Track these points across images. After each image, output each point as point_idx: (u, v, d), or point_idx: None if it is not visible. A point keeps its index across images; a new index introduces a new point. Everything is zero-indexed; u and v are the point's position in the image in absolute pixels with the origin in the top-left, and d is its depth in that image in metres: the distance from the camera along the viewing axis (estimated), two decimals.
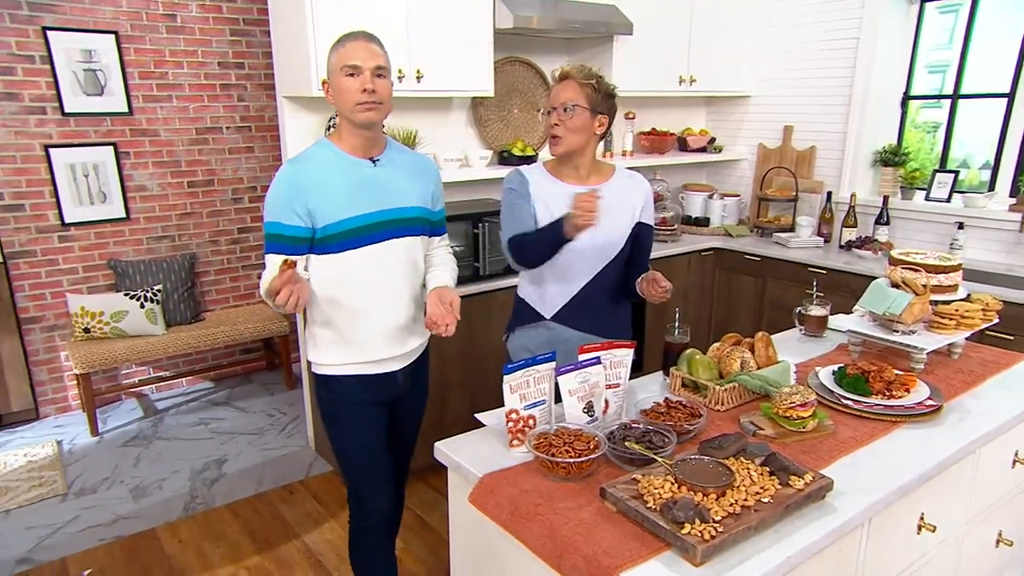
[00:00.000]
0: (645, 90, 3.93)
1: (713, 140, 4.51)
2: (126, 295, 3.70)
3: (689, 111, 4.61)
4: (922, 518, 1.62)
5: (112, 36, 3.71)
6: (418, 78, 3.05)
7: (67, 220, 3.73)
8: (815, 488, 1.34)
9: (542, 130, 3.87)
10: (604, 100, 1.96)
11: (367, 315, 1.82)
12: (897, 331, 1.99)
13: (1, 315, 3.60)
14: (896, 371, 1.84)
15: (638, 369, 2.07)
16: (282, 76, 3.06)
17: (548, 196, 1.98)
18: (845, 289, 3.38)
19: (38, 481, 3.14)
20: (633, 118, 4.11)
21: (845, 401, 1.74)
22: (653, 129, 4.31)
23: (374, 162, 1.81)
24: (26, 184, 3.62)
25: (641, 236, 2.05)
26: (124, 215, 3.88)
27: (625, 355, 1.71)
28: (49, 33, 3.56)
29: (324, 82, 1.80)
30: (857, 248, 3.65)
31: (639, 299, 2.02)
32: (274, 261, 1.72)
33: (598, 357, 1.65)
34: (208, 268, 4.22)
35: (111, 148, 3.78)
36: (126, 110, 3.80)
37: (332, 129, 1.89)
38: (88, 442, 3.53)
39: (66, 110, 3.65)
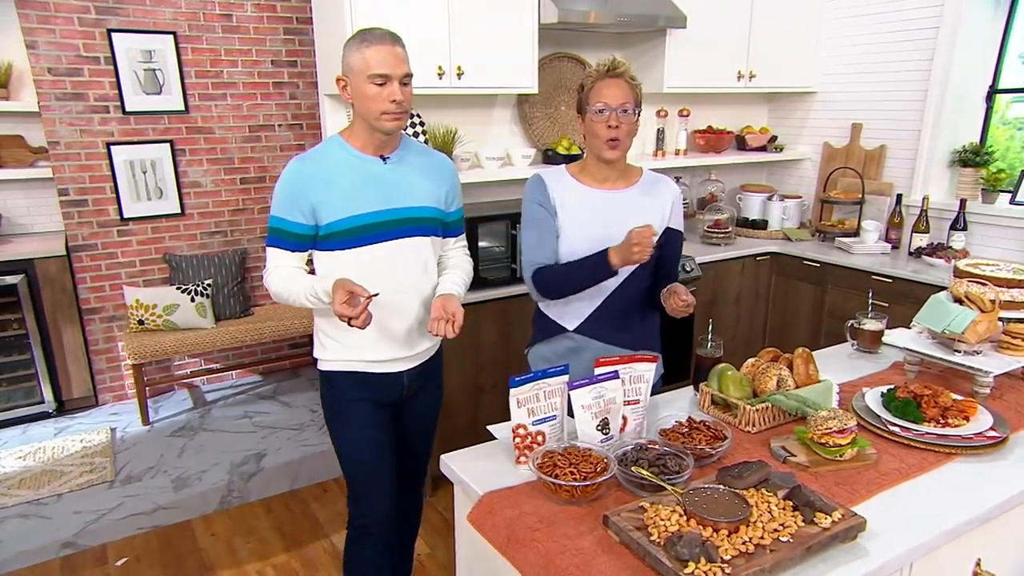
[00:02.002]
0: (700, 86, 3.76)
1: (774, 139, 4.28)
2: (178, 289, 3.80)
3: (749, 108, 4.39)
4: (979, 564, 1.44)
5: (171, 36, 3.81)
6: (459, 75, 2.99)
7: (126, 215, 3.86)
8: (844, 527, 1.20)
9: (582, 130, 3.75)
10: (641, 101, 1.85)
11: (372, 315, 1.74)
12: (959, 351, 1.80)
13: (64, 305, 3.76)
14: (954, 396, 1.66)
15: (682, 380, 1.95)
16: (324, 74, 3.06)
17: (572, 203, 1.88)
18: (912, 300, 3.13)
19: (90, 467, 3.26)
20: (688, 115, 3.94)
21: (892, 428, 1.58)
22: (709, 127, 4.12)
23: (384, 160, 1.77)
24: (89, 180, 3.76)
25: (670, 243, 1.92)
26: (179, 211, 3.99)
27: (646, 370, 1.60)
28: (113, 35, 3.68)
29: (340, 79, 1.72)
30: (928, 255, 3.38)
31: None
32: (278, 256, 1.75)
33: (616, 371, 1.54)
34: (258, 264, 4.29)
35: (168, 145, 3.89)
36: (183, 108, 3.90)
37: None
38: (139, 430, 3.64)
39: (127, 109, 3.77)
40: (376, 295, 1.59)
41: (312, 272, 1.80)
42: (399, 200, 1.77)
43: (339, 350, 1.82)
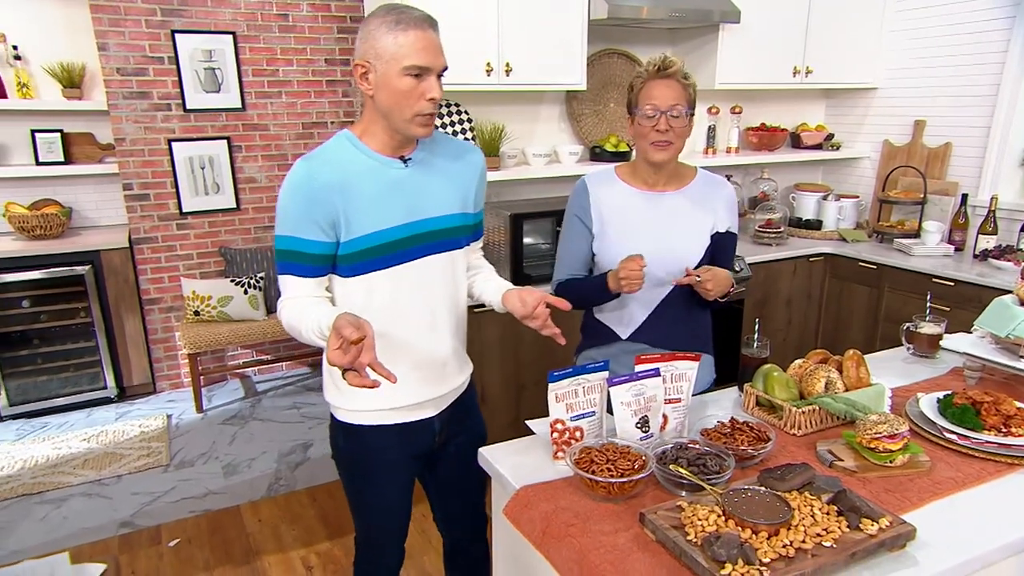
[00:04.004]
0: (754, 82, 3.68)
1: (831, 136, 4.15)
2: (232, 281, 3.92)
3: (805, 105, 4.27)
4: None
5: (230, 36, 3.93)
6: (507, 71, 3.00)
7: (185, 209, 4.00)
8: (892, 535, 1.15)
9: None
10: (695, 101, 1.78)
11: (398, 350, 1.52)
12: None
13: (126, 295, 3.91)
14: (1019, 404, 1.57)
15: (729, 382, 1.90)
16: None
17: (618, 207, 1.85)
18: (976, 304, 2.98)
19: (147, 451, 3.39)
20: (740, 112, 3.85)
21: (948, 435, 1.50)
22: (763, 124, 4.02)
23: (405, 162, 1.50)
24: (151, 175, 3.91)
25: (721, 245, 1.85)
26: (235, 205, 4.12)
27: (688, 368, 1.56)
28: (177, 36, 3.82)
29: (359, 66, 1.41)
30: (995, 258, 3.22)
31: (717, 306, 1.86)
32: (293, 285, 1.46)
33: (657, 369, 1.52)
34: None
35: (225, 142, 4.01)
36: (240, 106, 4.01)
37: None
38: (193, 418, 3.77)
39: (187, 106, 3.90)
40: (363, 338, 1.22)
41: (333, 299, 1.54)
42: (425, 210, 1.51)
43: (358, 397, 1.50)
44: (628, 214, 1.84)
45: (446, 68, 1.45)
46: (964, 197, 3.56)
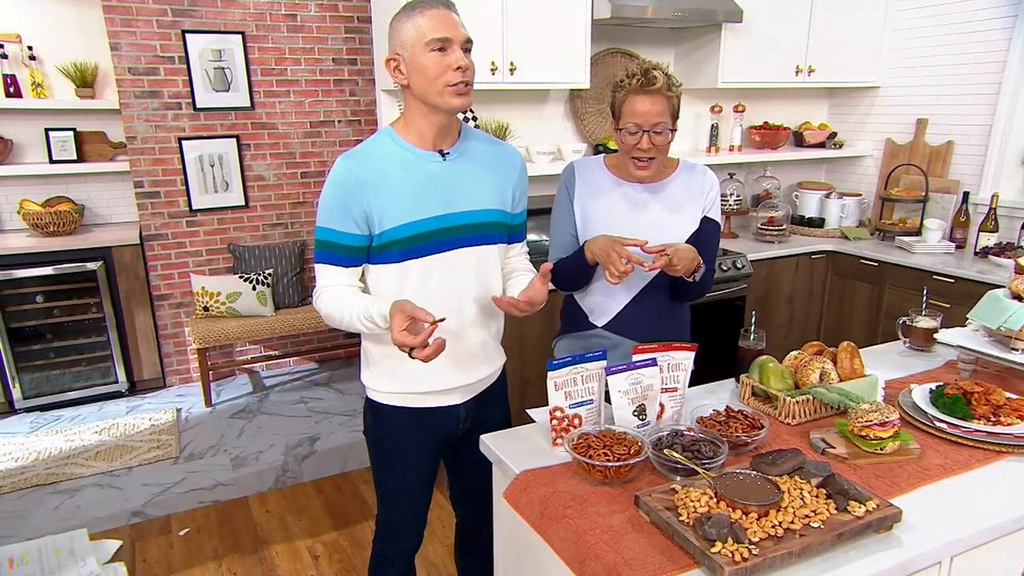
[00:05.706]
0: (756, 81, 3.71)
1: (834, 135, 4.17)
2: (241, 277, 3.98)
3: (808, 103, 4.29)
4: None
5: (240, 36, 3.98)
6: (511, 70, 3.04)
7: (194, 207, 4.06)
8: (878, 517, 1.19)
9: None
10: (679, 108, 1.78)
11: (443, 342, 1.53)
12: (1016, 349, 1.74)
13: (136, 291, 3.98)
14: (1008, 394, 1.61)
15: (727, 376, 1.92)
16: (382, 71, 3.16)
17: (604, 194, 1.87)
18: (975, 301, 2.99)
19: (157, 444, 3.45)
20: (743, 111, 3.88)
21: (939, 424, 1.54)
22: (765, 123, 4.05)
23: (443, 156, 1.55)
24: (162, 173, 3.97)
25: (704, 232, 1.87)
26: (243, 203, 4.18)
27: (685, 358, 1.60)
28: (187, 36, 3.88)
29: (390, 60, 1.50)
30: (995, 255, 3.24)
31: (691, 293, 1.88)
32: (329, 273, 1.54)
33: (654, 359, 1.56)
34: None
35: (234, 140, 4.07)
36: (248, 105, 4.07)
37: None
38: (202, 412, 3.83)
39: (197, 105, 3.97)
40: (442, 320, 1.37)
41: (365, 289, 1.61)
42: (459, 203, 1.55)
43: (388, 379, 1.63)
44: (612, 204, 1.86)
45: (471, 41, 1.51)
46: (965, 195, 3.58)
